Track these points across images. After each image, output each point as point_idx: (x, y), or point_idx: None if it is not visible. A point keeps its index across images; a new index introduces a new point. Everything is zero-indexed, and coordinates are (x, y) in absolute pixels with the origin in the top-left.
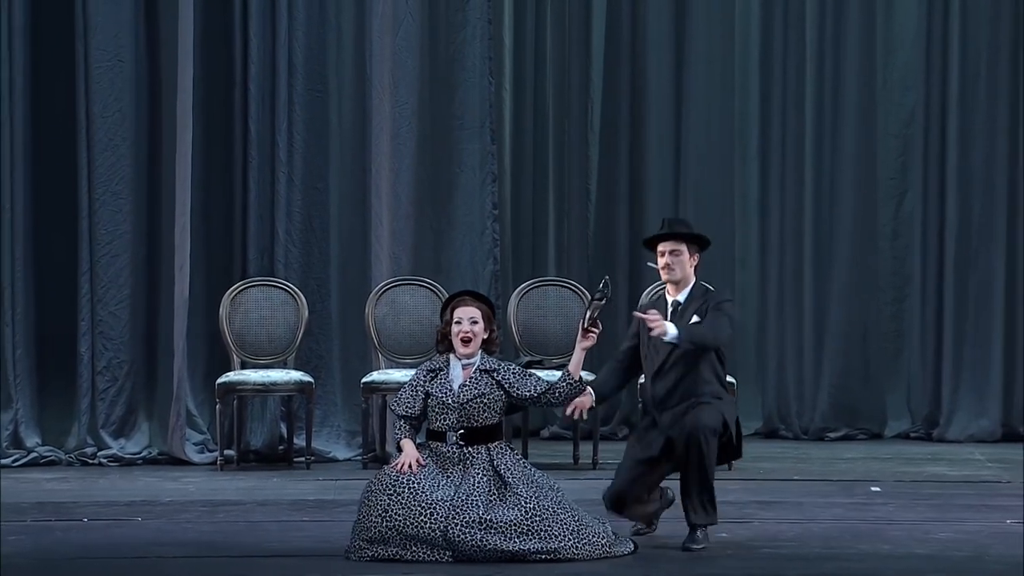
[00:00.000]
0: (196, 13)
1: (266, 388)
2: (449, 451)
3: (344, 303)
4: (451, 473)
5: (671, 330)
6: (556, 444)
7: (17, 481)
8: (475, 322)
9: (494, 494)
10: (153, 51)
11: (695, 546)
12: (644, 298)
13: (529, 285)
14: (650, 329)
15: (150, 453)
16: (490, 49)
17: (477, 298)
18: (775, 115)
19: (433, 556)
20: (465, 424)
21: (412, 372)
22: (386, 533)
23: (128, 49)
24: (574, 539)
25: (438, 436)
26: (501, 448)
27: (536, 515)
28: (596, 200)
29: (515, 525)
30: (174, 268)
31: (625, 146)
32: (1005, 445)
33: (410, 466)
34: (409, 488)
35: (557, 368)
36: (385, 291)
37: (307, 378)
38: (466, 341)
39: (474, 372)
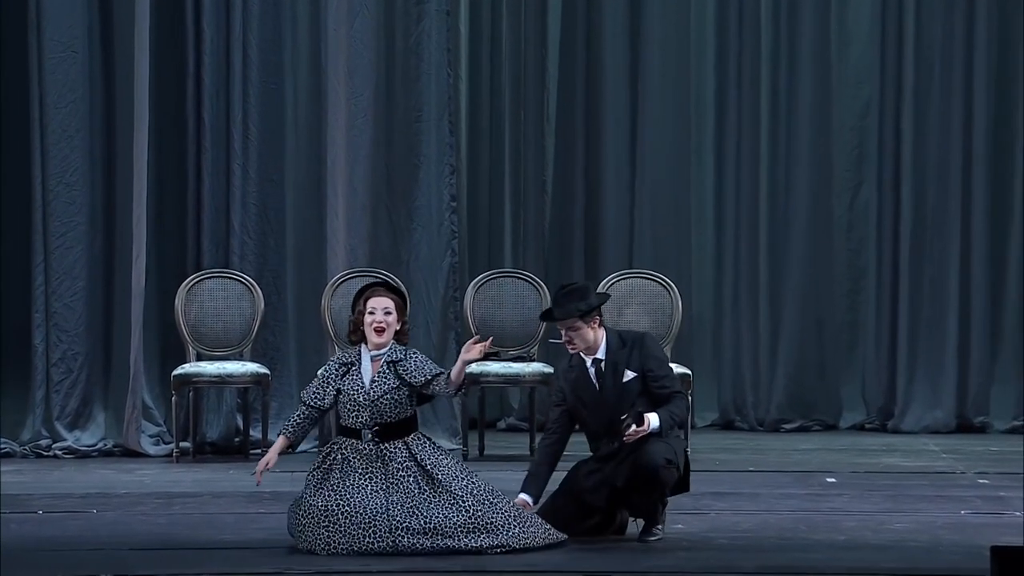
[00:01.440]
0: (150, 4)
1: (222, 380)
2: (365, 447)
3: (300, 295)
4: (373, 471)
5: (653, 421)
6: (513, 435)
7: None
8: (388, 312)
9: (426, 492)
10: (107, 42)
11: (651, 538)
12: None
13: (485, 277)
14: (645, 430)
15: (105, 445)
16: (448, 41)
17: (390, 289)
18: (731, 107)
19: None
20: (378, 420)
21: None
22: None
23: (81, 40)
24: (519, 527)
25: (353, 433)
26: (419, 441)
27: (478, 512)
28: (552, 192)
29: (461, 526)
30: (130, 260)
31: (581, 138)
32: (959, 436)
33: (261, 472)
34: (342, 513)
35: (514, 360)
36: (341, 283)
37: (263, 370)
38: (379, 331)
39: (382, 366)
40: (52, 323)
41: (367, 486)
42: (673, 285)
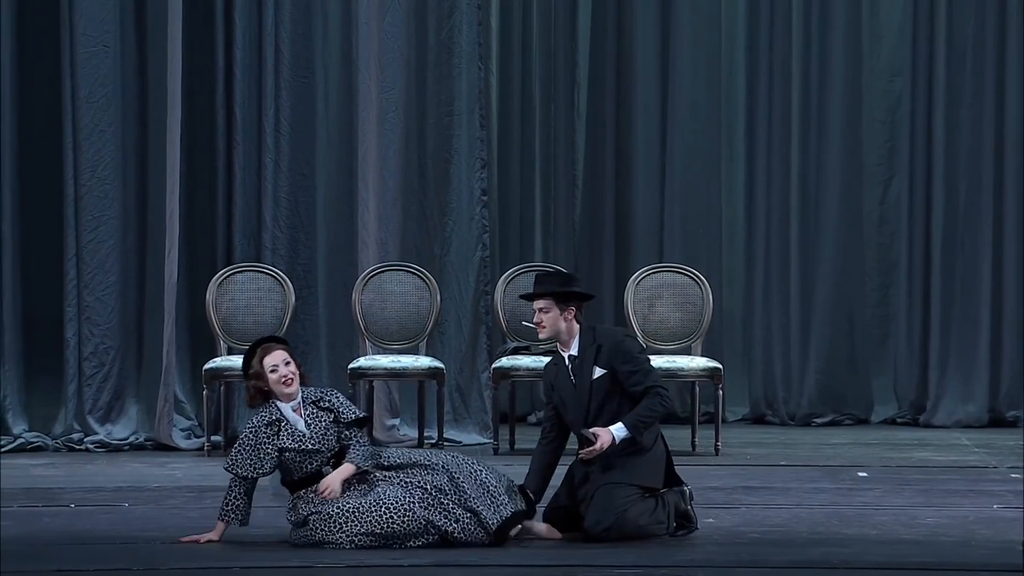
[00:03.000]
0: None
1: None
2: None
3: (331, 289)
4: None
5: (618, 433)
6: None
7: (4, 467)
8: (288, 363)
9: (401, 474)
10: (139, 37)
11: (682, 532)
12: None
13: (516, 271)
14: (599, 449)
15: (137, 439)
16: (480, 35)
17: (276, 340)
18: (761, 100)
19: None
20: (330, 455)
21: (398, 357)
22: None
23: (113, 35)
24: (486, 470)
25: (312, 479)
26: None
27: (449, 467)
28: (583, 186)
29: (445, 485)
30: (162, 254)
31: (612, 132)
32: (991, 430)
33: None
34: (342, 513)
35: (543, 355)
36: (372, 277)
37: None
38: (288, 383)
39: (306, 408)
40: (84, 317)
41: (352, 494)
42: (704, 279)
